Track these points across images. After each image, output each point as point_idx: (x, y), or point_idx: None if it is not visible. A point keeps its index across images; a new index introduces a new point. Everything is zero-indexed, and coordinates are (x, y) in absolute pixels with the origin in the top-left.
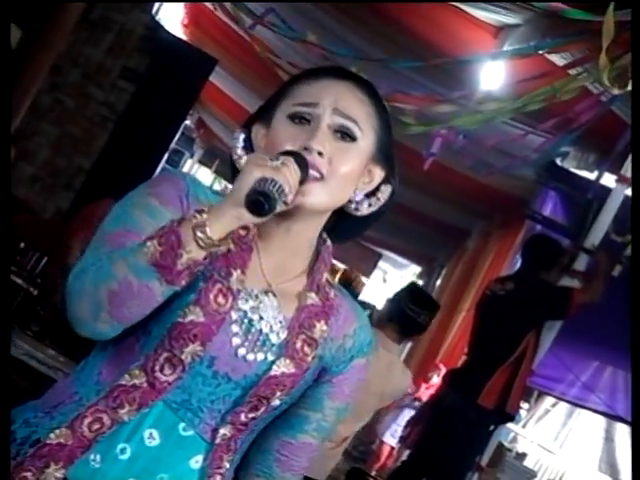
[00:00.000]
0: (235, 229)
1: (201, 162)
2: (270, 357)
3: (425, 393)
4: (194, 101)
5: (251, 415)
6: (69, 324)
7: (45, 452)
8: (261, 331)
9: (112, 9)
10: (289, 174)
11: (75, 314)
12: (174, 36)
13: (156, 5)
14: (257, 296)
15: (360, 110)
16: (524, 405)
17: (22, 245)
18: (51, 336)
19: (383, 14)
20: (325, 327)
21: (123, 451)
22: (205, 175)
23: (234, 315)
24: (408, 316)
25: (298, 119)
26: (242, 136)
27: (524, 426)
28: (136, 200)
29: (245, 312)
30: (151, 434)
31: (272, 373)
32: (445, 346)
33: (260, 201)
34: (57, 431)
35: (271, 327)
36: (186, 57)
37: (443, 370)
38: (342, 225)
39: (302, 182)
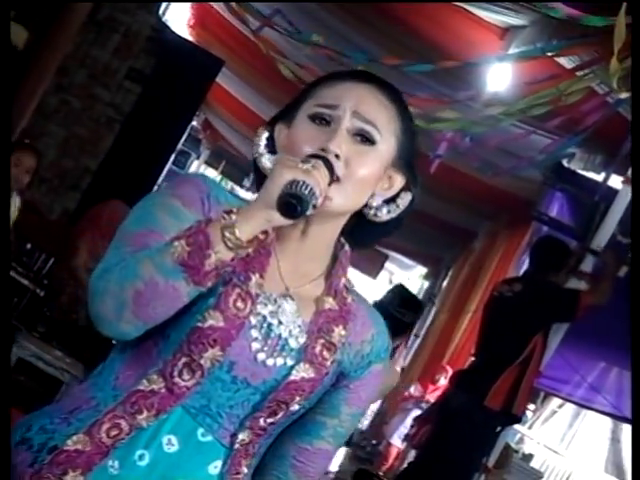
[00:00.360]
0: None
1: (207, 163)
2: (289, 362)
3: (432, 395)
4: (200, 102)
5: (270, 420)
6: (89, 324)
7: (63, 459)
8: (280, 336)
9: (118, 10)
10: (320, 177)
11: (99, 314)
12: (180, 37)
13: (163, 6)
14: (276, 300)
15: (381, 114)
16: (530, 406)
17: (28, 246)
18: (57, 337)
19: (389, 14)
20: (343, 332)
21: (142, 457)
22: (211, 176)
23: (253, 320)
24: (395, 318)
25: (319, 120)
26: (265, 134)
27: (530, 427)
28: (158, 201)
29: (264, 317)
30: (170, 440)
31: (292, 378)
32: (452, 347)
33: (292, 203)
34: (74, 437)
35: (290, 331)
36: (192, 58)
37: (450, 372)
38: (360, 231)
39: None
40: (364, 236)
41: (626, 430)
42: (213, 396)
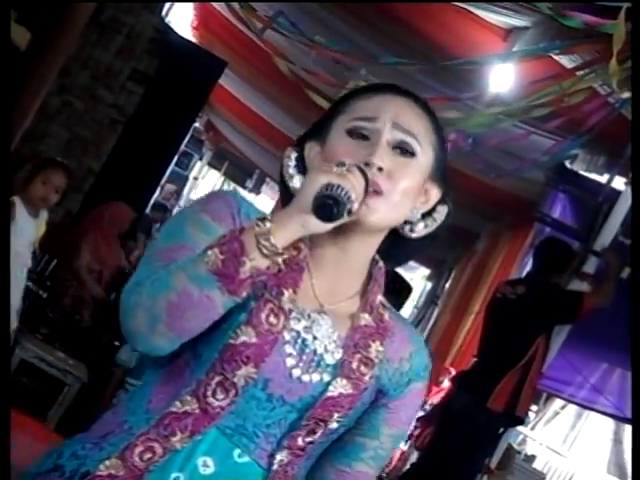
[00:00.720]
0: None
1: (210, 164)
2: (326, 378)
3: (435, 397)
4: (203, 103)
5: (308, 439)
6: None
7: None
8: (315, 351)
9: (121, 11)
10: (355, 180)
11: (131, 329)
12: (183, 38)
13: (165, 7)
14: (310, 316)
15: (419, 125)
16: (533, 407)
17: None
18: (60, 339)
19: (391, 15)
20: (381, 348)
21: None
22: (214, 177)
23: (287, 335)
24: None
25: (357, 134)
26: (294, 155)
27: (533, 428)
28: (188, 216)
29: (298, 332)
30: (205, 462)
31: (329, 394)
32: (454, 349)
33: (329, 204)
34: (107, 462)
35: (325, 347)
36: (195, 59)
37: (453, 373)
38: (395, 247)
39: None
40: (399, 253)
41: (628, 431)
42: (249, 415)
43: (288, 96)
